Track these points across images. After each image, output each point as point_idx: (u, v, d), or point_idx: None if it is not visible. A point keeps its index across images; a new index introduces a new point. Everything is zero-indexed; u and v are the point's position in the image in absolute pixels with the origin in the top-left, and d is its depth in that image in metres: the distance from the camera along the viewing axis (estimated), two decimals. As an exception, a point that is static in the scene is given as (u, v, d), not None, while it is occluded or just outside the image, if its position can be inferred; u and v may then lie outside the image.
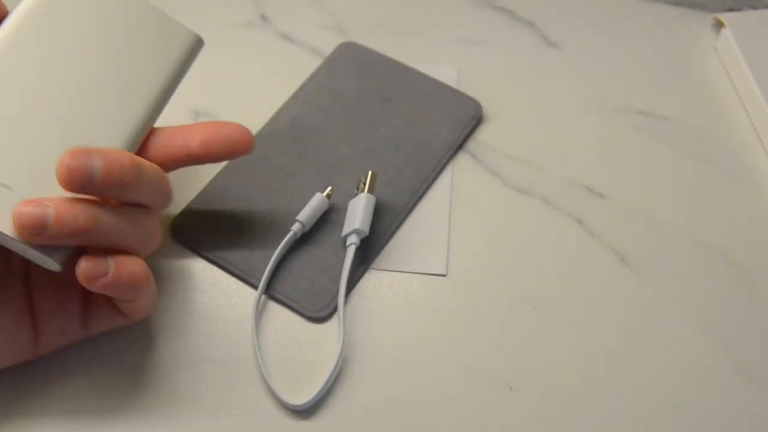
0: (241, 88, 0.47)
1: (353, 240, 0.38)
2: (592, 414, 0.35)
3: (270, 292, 0.38)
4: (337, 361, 0.35)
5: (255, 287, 0.38)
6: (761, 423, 0.35)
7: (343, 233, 0.39)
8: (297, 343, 0.37)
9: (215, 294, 0.38)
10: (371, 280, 0.39)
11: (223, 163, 0.43)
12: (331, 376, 0.35)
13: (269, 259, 0.38)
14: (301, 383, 0.35)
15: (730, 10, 0.53)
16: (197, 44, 0.37)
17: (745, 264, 0.40)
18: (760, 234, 0.42)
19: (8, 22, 0.34)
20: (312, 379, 0.36)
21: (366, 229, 0.38)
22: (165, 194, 0.32)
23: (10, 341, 0.31)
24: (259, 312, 0.38)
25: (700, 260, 0.40)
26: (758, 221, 0.42)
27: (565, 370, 0.36)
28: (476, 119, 0.46)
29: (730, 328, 0.38)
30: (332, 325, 0.38)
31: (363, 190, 0.40)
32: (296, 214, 0.39)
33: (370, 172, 0.40)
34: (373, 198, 0.40)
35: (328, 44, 0.49)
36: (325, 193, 0.40)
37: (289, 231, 0.39)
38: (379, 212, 0.41)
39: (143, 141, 0.34)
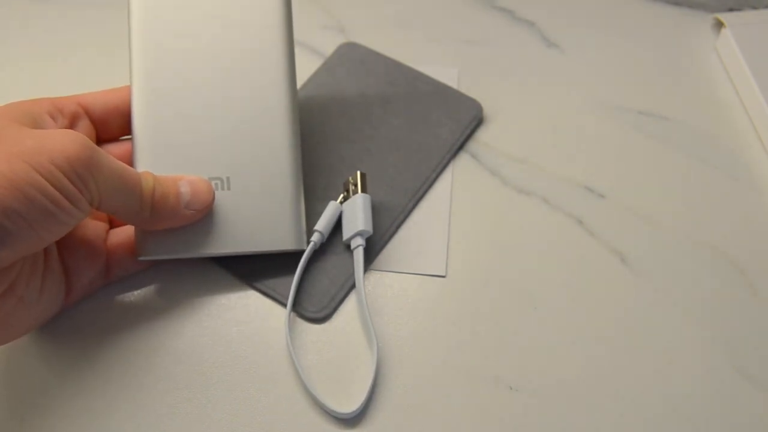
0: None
1: (359, 242, 0.38)
2: (592, 414, 0.35)
3: (270, 293, 0.38)
4: (376, 367, 0.36)
5: (275, 300, 0.38)
6: (761, 423, 0.35)
7: (346, 236, 0.39)
8: (301, 346, 0.37)
9: (213, 298, 0.39)
10: (370, 280, 0.39)
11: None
12: (373, 382, 0.35)
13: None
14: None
15: (730, 10, 0.53)
16: None
17: (745, 264, 0.40)
18: (760, 234, 0.42)
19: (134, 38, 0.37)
20: (314, 381, 0.36)
21: (370, 229, 0.38)
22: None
23: (50, 302, 0.35)
24: (289, 325, 0.38)
25: (700, 260, 0.40)
26: (758, 221, 0.42)
27: (565, 370, 0.36)
28: (477, 120, 0.46)
29: (729, 328, 0.38)
30: (329, 326, 0.38)
31: (356, 192, 0.39)
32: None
33: (359, 172, 0.40)
34: (368, 197, 0.39)
35: (328, 44, 0.49)
36: (338, 201, 0.40)
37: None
38: (378, 213, 0.41)
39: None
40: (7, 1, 0.52)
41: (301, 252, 0.38)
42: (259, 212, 0.37)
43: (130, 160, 0.37)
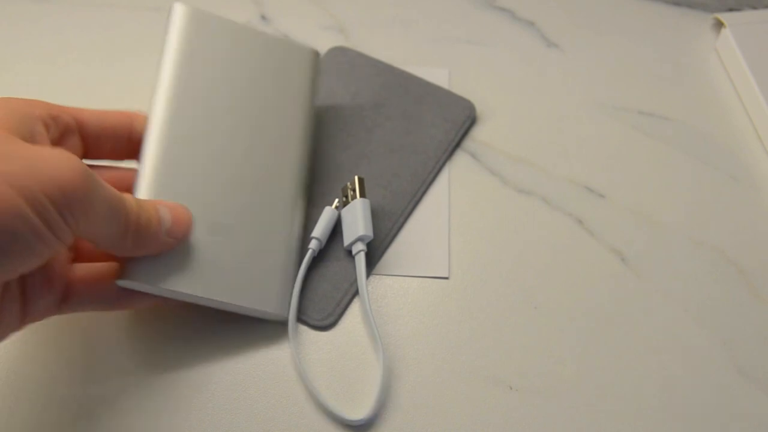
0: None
1: (360, 247, 0.38)
2: (592, 414, 0.35)
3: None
4: (382, 374, 0.36)
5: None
6: (761, 423, 0.35)
7: (346, 242, 0.39)
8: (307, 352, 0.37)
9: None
10: (373, 284, 0.39)
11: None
12: (382, 389, 0.35)
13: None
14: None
15: (730, 10, 0.53)
16: (316, 57, 0.41)
17: (745, 263, 0.40)
18: (760, 234, 0.42)
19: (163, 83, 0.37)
20: (322, 389, 0.36)
21: (370, 233, 0.38)
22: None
23: (7, 322, 0.32)
24: (292, 334, 0.37)
25: (700, 260, 0.41)
26: (758, 221, 0.42)
27: (565, 370, 0.36)
28: (470, 120, 0.46)
29: (730, 327, 0.38)
30: (333, 333, 0.38)
31: (354, 197, 0.39)
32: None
33: (356, 177, 0.40)
34: (367, 201, 0.39)
35: (329, 44, 0.49)
36: (333, 206, 0.40)
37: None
38: (378, 217, 0.41)
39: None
40: (7, 2, 0.52)
41: (284, 320, 0.37)
42: (250, 267, 0.36)
43: (115, 185, 0.34)
